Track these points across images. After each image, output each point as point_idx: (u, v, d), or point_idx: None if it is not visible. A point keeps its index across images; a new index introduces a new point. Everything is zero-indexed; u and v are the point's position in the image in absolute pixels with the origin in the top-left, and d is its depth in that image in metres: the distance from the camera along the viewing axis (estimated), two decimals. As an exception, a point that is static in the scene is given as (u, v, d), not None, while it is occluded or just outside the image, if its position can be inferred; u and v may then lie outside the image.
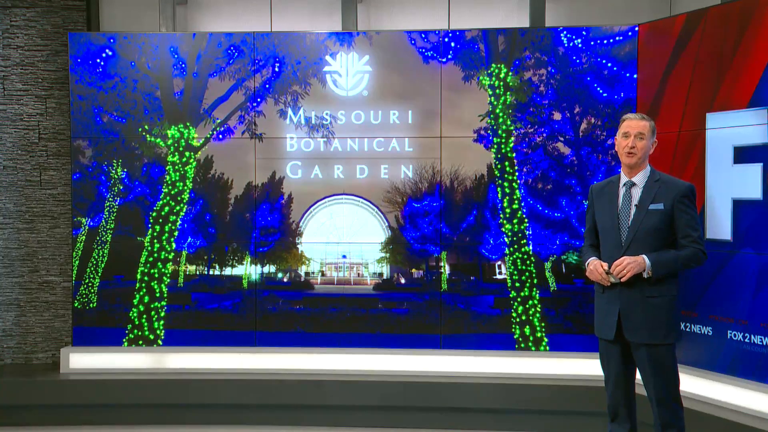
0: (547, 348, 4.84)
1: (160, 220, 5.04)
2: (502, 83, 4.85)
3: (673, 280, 3.32)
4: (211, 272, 5.06)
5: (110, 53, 5.00)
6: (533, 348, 4.85)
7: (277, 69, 4.98)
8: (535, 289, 4.86)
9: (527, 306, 4.87)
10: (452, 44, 4.87)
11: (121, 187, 5.04)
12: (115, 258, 5.05)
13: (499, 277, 4.92)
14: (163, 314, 5.05)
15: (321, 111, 4.99)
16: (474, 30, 4.88)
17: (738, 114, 4.06)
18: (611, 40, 4.75)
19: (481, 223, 4.91)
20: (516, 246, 4.88)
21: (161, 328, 5.05)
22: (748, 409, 3.97)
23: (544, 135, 4.84)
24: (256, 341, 5.03)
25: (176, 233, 5.04)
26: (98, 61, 5.00)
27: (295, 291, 5.06)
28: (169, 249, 5.05)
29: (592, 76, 4.78)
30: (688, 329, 4.32)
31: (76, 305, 5.08)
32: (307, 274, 5.08)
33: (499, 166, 4.89)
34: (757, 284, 3.97)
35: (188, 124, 5.02)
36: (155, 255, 5.04)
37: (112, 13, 5.42)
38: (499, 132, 4.87)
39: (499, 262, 4.92)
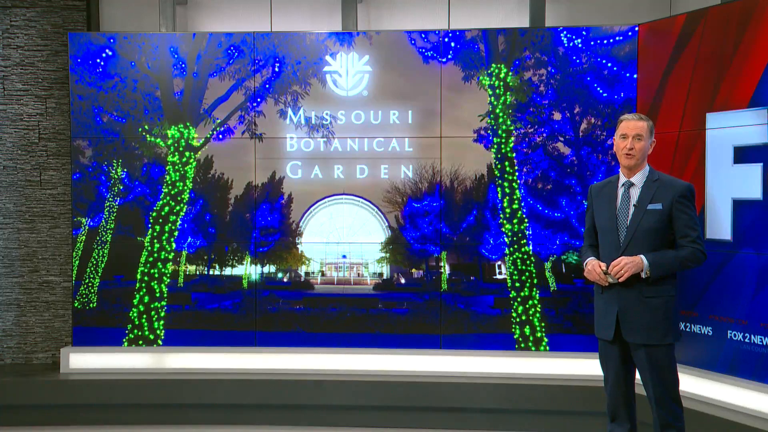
0: (547, 348, 4.84)
1: (160, 220, 5.04)
2: (502, 83, 4.85)
3: (671, 280, 3.31)
4: (211, 272, 5.07)
5: (110, 53, 5.00)
6: (533, 348, 4.85)
7: (277, 69, 4.98)
8: (535, 289, 4.86)
9: (527, 306, 4.86)
10: (452, 44, 4.87)
11: (121, 187, 5.04)
12: (115, 258, 5.05)
13: (499, 277, 4.91)
14: (163, 314, 5.05)
15: (321, 111, 4.99)
16: (474, 30, 4.88)
17: (738, 114, 4.06)
18: (611, 40, 4.74)
19: (481, 223, 4.91)
20: (516, 246, 4.87)
21: (161, 328, 5.05)
22: (748, 409, 3.97)
23: (544, 135, 4.84)
24: (256, 341, 5.03)
25: (176, 233, 5.05)
26: (98, 61, 5.00)
27: (295, 291, 5.06)
28: (169, 249, 5.05)
29: (592, 76, 4.77)
30: (688, 329, 4.32)
31: (76, 305, 5.08)
32: (307, 274, 5.08)
33: (499, 166, 4.89)
34: (757, 284, 3.96)
35: (188, 124, 5.02)
36: (155, 255, 5.04)
37: (112, 13, 5.43)
38: (499, 132, 4.87)
39: (499, 262, 4.91)
